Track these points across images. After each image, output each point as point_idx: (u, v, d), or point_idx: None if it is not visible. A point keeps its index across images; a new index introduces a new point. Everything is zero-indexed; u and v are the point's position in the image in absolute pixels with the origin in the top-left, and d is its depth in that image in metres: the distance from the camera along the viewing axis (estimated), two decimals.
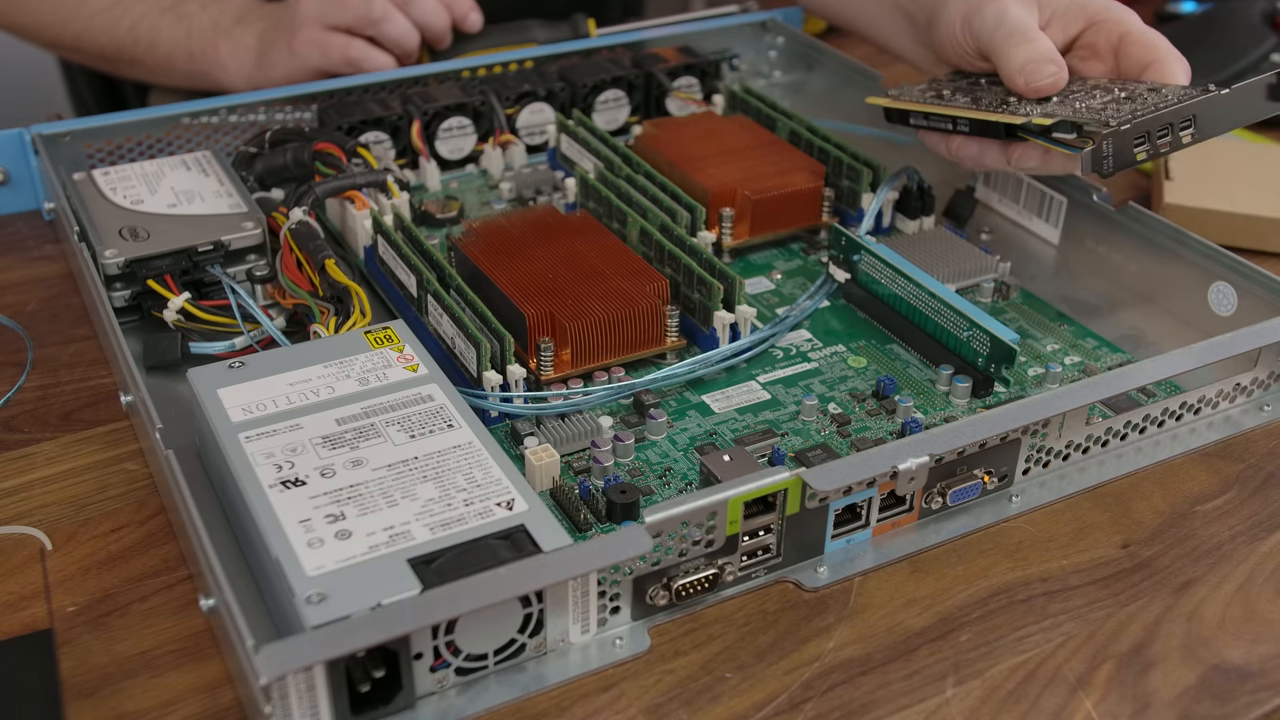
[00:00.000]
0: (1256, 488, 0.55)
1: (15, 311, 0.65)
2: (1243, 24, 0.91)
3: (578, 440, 0.55)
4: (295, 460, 0.47)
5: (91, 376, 0.61)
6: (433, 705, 0.43)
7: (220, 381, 0.51)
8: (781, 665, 0.46)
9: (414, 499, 0.46)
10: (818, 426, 0.57)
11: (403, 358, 0.53)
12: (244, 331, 0.60)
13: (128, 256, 0.61)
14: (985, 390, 0.58)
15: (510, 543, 0.44)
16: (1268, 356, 0.58)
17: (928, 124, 0.68)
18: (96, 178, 0.68)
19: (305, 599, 0.41)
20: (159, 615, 0.48)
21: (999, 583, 0.50)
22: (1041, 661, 0.46)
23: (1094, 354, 0.62)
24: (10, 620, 0.47)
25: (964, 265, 0.66)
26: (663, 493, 0.53)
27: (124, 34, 0.84)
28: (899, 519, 0.51)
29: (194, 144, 0.76)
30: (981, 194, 0.75)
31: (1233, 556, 0.51)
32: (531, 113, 0.79)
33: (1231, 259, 0.62)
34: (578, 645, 0.46)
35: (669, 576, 0.46)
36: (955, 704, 0.44)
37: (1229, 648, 0.47)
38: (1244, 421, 0.58)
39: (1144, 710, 0.44)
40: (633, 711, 0.44)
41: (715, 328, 0.60)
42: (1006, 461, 0.53)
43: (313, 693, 0.40)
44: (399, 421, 0.50)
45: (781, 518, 0.48)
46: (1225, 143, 0.81)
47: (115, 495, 0.54)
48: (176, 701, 0.44)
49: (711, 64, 0.84)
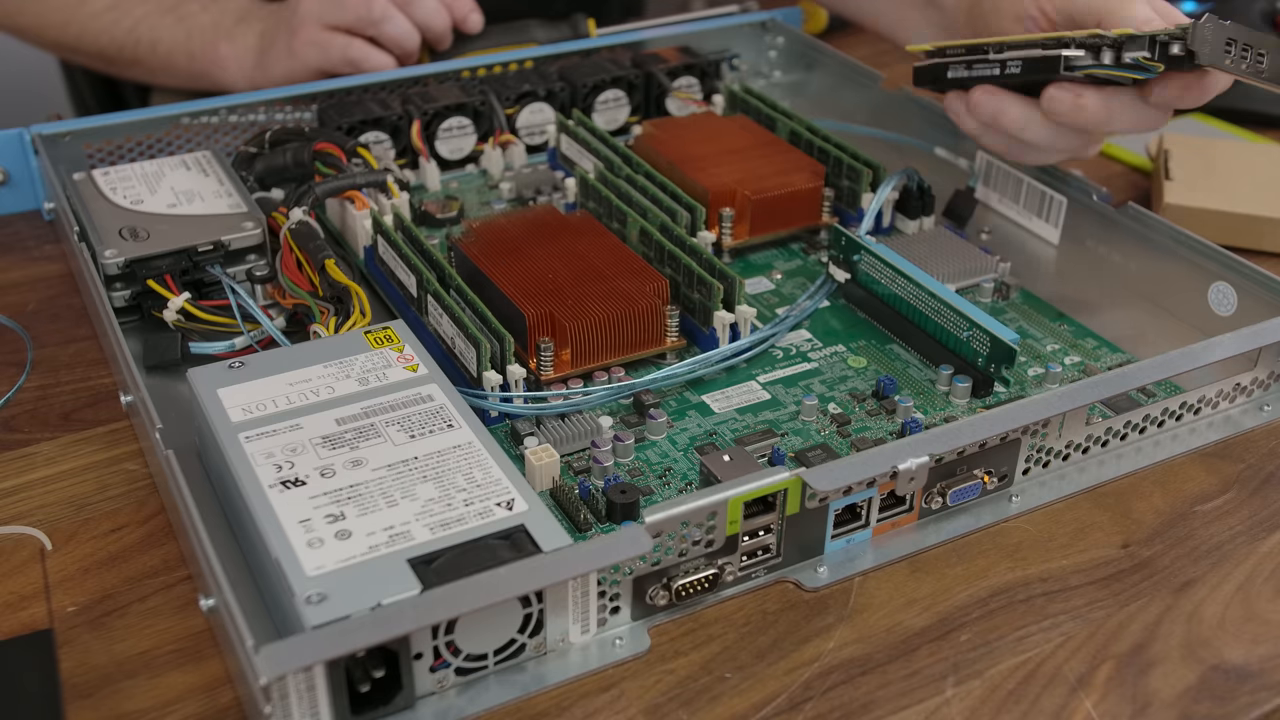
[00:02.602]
0: (1256, 488, 0.55)
1: (15, 311, 0.65)
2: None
3: (578, 440, 0.55)
4: (295, 460, 0.47)
5: (91, 376, 0.61)
6: (433, 705, 0.43)
7: (220, 381, 0.51)
8: (781, 665, 0.46)
9: (414, 499, 0.46)
10: (818, 426, 0.57)
11: (403, 358, 0.53)
12: (244, 331, 0.60)
13: (128, 256, 0.61)
14: (985, 390, 0.58)
15: (510, 543, 0.44)
16: (1268, 357, 0.58)
17: (968, 72, 0.64)
18: (96, 178, 0.68)
19: (305, 599, 0.41)
20: (159, 615, 0.48)
21: (999, 583, 0.50)
22: (1041, 661, 0.46)
23: (1094, 354, 0.62)
24: (10, 620, 0.47)
25: (964, 265, 0.66)
26: (663, 493, 0.53)
27: (124, 35, 0.84)
28: (899, 519, 0.51)
29: (194, 144, 0.76)
30: (981, 194, 0.75)
31: (1233, 556, 0.51)
32: (531, 113, 0.79)
33: (1231, 259, 0.62)
34: (578, 645, 0.46)
35: (669, 577, 0.46)
36: (955, 704, 0.44)
37: (1229, 648, 0.47)
38: (1244, 422, 0.58)
39: (1144, 710, 0.44)
40: (632, 711, 0.44)
41: (715, 328, 0.60)
42: (1006, 461, 0.53)
43: (313, 693, 0.40)
44: (399, 421, 0.50)
45: (781, 518, 0.48)
46: (1225, 143, 0.81)
47: (115, 495, 0.54)
48: (176, 701, 0.44)
49: (711, 64, 0.84)
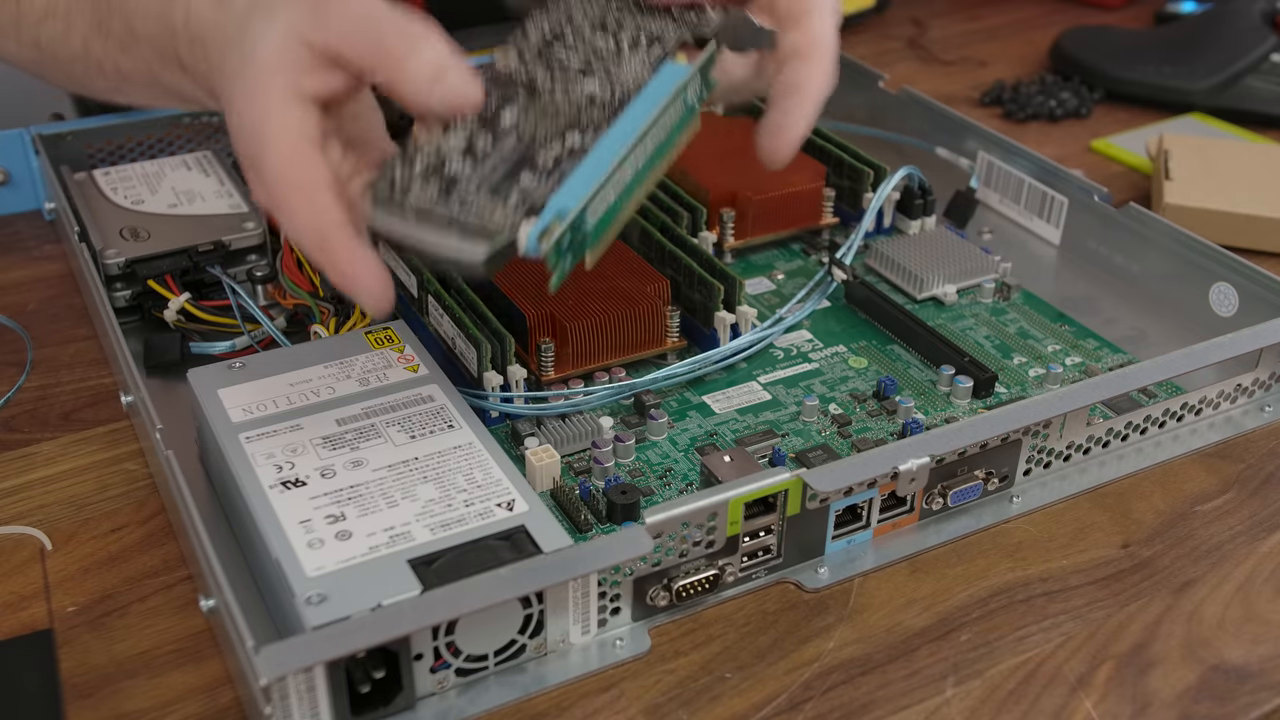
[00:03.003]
0: (1256, 488, 0.55)
1: (15, 311, 0.65)
2: (1243, 24, 0.91)
3: (578, 441, 0.55)
4: (295, 461, 0.47)
5: (91, 376, 0.61)
6: (433, 706, 0.43)
7: (220, 382, 0.51)
8: (781, 665, 0.46)
9: (414, 499, 0.46)
10: (818, 427, 0.57)
11: (403, 358, 0.53)
12: (244, 332, 0.60)
13: (128, 256, 0.61)
14: (986, 391, 0.58)
15: (510, 543, 0.44)
16: (1268, 357, 0.58)
17: None
18: (97, 178, 0.68)
19: (305, 600, 0.41)
20: (159, 615, 0.48)
21: (999, 583, 0.50)
22: (1041, 661, 0.46)
23: (1095, 354, 0.62)
24: (10, 620, 0.47)
25: (964, 265, 0.66)
26: (663, 493, 0.53)
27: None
28: (900, 520, 0.51)
29: (194, 144, 0.76)
30: (982, 194, 0.76)
31: (1233, 556, 0.51)
32: None
33: (1232, 259, 0.62)
34: (578, 646, 0.46)
35: (669, 577, 0.46)
36: (955, 704, 0.44)
37: (1229, 648, 0.47)
38: (1245, 422, 0.58)
39: (1144, 710, 0.44)
40: (633, 712, 0.44)
41: (716, 328, 0.60)
42: (1007, 462, 0.53)
43: (313, 693, 0.40)
44: (399, 422, 0.50)
45: (782, 518, 0.48)
46: (1225, 143, 0.81)
47: (115, 495, 0.54)
48: (176, 702, 0.44)
49: None
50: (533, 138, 0.49)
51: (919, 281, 0.66)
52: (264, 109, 0.46)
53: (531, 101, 0.50)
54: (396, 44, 0.46)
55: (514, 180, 0.47)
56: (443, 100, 0.47)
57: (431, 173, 0.47)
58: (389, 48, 0.46)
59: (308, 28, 0.46)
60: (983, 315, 0.65)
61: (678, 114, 0.51)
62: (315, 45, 0.46)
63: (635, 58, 0.52)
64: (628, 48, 0.52)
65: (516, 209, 0.45)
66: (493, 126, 0.49)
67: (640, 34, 0.53)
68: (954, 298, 0.66)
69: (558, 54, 0.52)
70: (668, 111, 0.50)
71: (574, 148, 0.48)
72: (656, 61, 0.51)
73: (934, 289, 0.66)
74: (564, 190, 0.46)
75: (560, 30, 0.54)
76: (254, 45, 0.47)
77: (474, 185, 0.46)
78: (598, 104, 0.50)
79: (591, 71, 0.51)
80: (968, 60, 1.01)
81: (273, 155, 0.46)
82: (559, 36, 0.53)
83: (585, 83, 0.51)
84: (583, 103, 0.50)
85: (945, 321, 0.64)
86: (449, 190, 0.46)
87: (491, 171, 0.47)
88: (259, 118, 0.46)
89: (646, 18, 0.54)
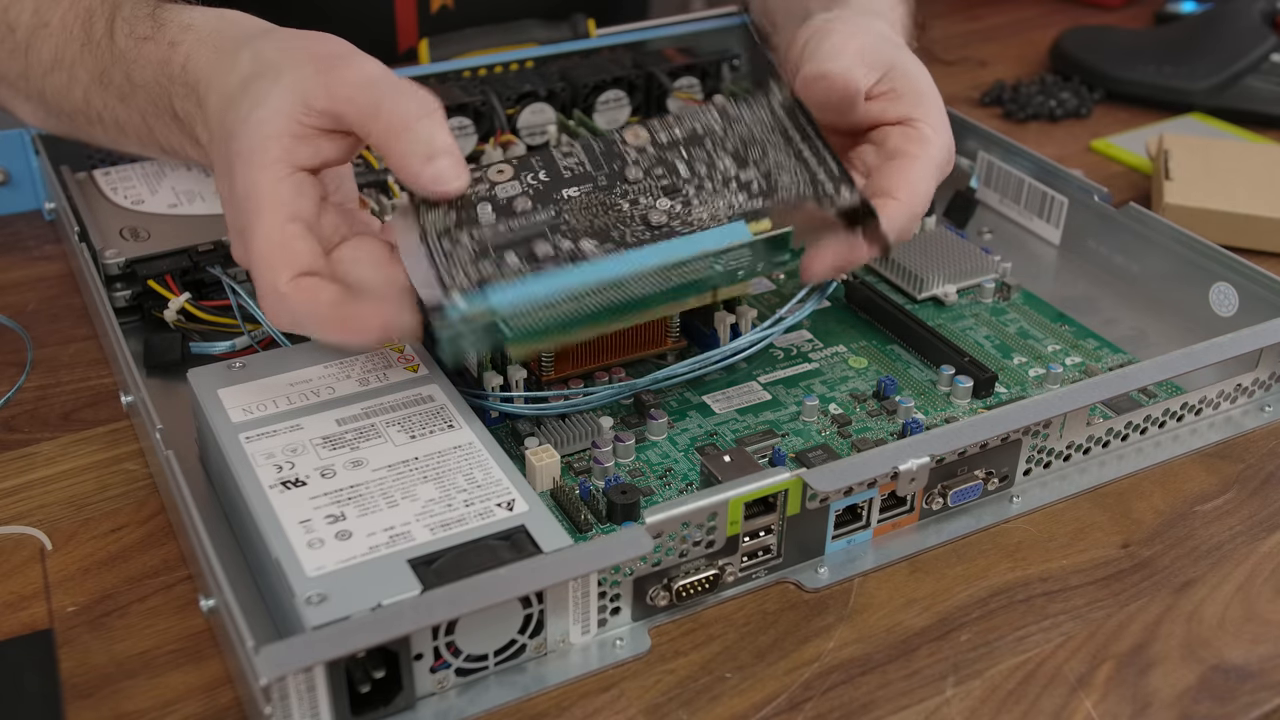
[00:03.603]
0: (1256, 488, 0.55)
1: (15, 311, 0.65)
2: (1243, 24, 0.91)
3: (578, 441, 0.55)
4: (295, 461, 0.47)
5: (91, 376, 0.61)
6: (433, 706, 0.43)
7: (220, 382, 0.51)
8: (781, 665, 0.46)
9: (414, 499, 0.46)
10: (818, 427, 0.57)
11: (403, 358, 0.53)
12: (244, 332, 0.60)
13: (128, 256, 0.61)
14: (986, 391, 0.58)
15: (510, 543, 0.44)
16: (1268, 357, 0.58)
17: None
18: (97, 178, 0.68)
19: (305, 599, 0.41)
20: (159, 615, 0.48)
21: (999, 583, 0.50)
22: (1041, 661, 0.46)
23: (1095, 354, 0.62)
24: (10, 620, 0.47)
25: (964, 265, 0.66)
26: (663, 493, 0.53)
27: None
28: (900, 519, 0.51)
29: None
30: (982, 194, 0.76)
31: (1233, 556, 0.51)
32: (532, 113, 0.79)
33: (1232, 259, 0.62)
34: (578, 646, 0.46)
35: (669, 577, 0.46)
36: (955, 704, 0.44)
37: (1229, 648, 0.47)
38: (1245, 422, 0.58)
39: (1144, 710, 0.44)
40: (633, 711, 0.44)
41: (716, 328, 0.60)
42: (1007, 462, 0.53)
43: (313, 693, 0.40)
44: (399, 422, 0.50)
45: (782, 518, 0.48)
46: (1225, 143, 0.81)
47: (115, 495, 0.54)
48: (176, 702, 0.44)
49: (712, 64, 0.84)
50: (559, 223, 0.49)
51: (919, 281, 0.66)
52: (256, 181, 0.47)
53: (597, 190, 0.50)
54: (396, 117, 0.47)
55: (503, 254, 0.47)
56: (432, 180, 0.48)
57: (461, 208, 0.48)
58: (387, 120, 0.47)
59: (311, 89, 0.47)
60: (983, 315, 0.65)
61: (707, 269, 0.50)
62: (316, 107, 0.47)
63: (724, 199, 0.50)
64: (736, 187, 0.51)
65: (470, 278, 0.46)
66: (549, 193, 0.49)
67: (765, 181, 0.51)
68: (954, 298, 0.66)
69: (670, 158, 0.51)
70: (703, 262, 0.49)
71: (577, 252, 0.48)
72: (735, 214, 0.50)
73: (934, 289, 0.66)
74: (511, 289, 0.46)
75: (701, 135, 0.52)
76: (253, 107, 0.47)
77: (474, 239, 0.47)
78: (646, 224, 0.49)
79: (677, 192, 0.50)
80: (968, 60, 1.01)
81: (261, 239, 0.46)
82: (695, 141, 0.52)
83: (660, 200, 0.50)
84: (632, 217, 0.49)
85: (945, 321, 0.64)
86: (456, 230, 0.47)
87: (497, 235, 0.48)
88: (250, 188, 0.47)
89: (799, 164, 0.51)
